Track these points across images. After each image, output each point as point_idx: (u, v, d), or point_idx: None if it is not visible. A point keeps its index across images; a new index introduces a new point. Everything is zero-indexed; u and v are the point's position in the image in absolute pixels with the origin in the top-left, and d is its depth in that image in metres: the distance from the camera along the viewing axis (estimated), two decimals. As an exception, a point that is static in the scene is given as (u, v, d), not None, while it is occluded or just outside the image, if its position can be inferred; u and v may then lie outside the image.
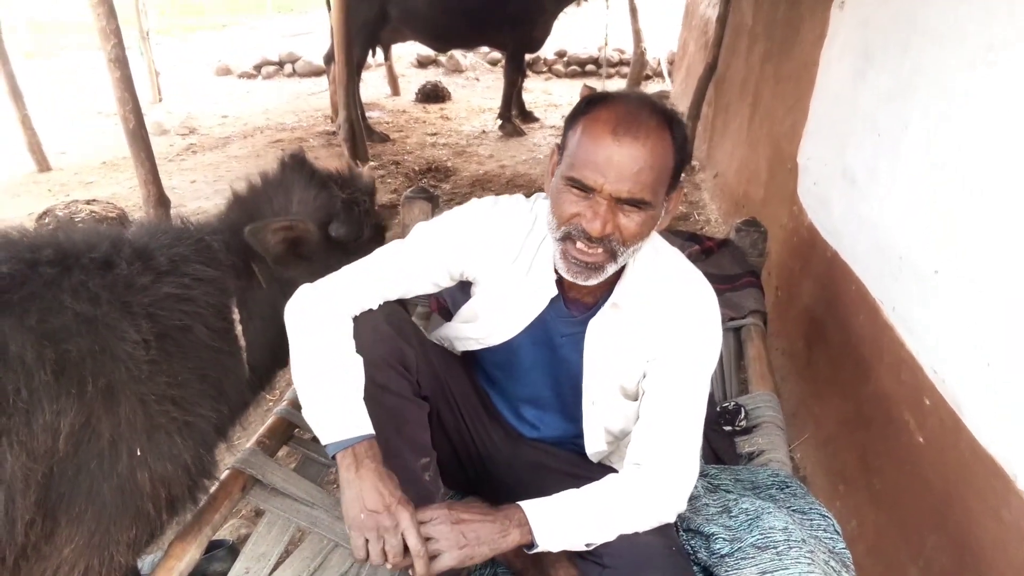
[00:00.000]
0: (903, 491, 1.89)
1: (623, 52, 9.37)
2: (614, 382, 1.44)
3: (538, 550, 1.24)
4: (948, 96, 1.80)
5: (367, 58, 6.45)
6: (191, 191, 5.23)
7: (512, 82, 6.66)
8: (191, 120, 6.94)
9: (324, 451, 1.30)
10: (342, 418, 1.26)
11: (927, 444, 1.77)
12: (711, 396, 1.95)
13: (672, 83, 7.97)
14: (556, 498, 1.28)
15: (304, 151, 1.80)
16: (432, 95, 7.88)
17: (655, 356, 1.38)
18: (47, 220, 3.85)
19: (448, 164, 5.86)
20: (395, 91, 8.16)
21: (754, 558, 1.38)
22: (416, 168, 5.73)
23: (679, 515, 1.42)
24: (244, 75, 9.14)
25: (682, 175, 1.31)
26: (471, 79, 9.17)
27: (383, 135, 6.47)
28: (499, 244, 1.44)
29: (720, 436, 1.91)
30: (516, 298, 1.45)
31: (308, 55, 9.16)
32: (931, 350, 1.78)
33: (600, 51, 8.50)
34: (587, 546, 1.28)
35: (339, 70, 5.39)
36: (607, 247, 1.25)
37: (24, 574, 1.28)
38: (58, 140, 6.18)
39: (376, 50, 6.60)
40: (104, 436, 1.27)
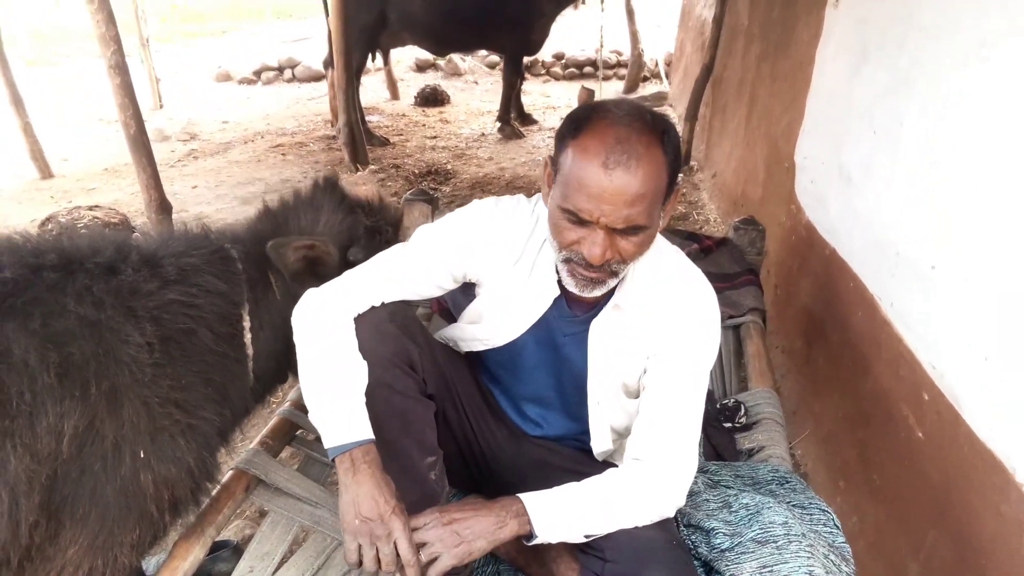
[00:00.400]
0: (903, 486, 1.89)
1: (621, 54, 9.38)
2: (617, 380, 1.45)
3: (537, 541, 1.25)
4: (944, 92, 1.80)
5: (366, 62, 6.48)
6: (193, 196, 5.25)
7: (511, 85, 6.67)
8: (192, 126, 6.96)
9: (326, 451, 1.31)
10: (341, 422, 1.27)
11: (926, 439, 1.78)
12: (711, 393, 1.96)
13: (669, 84, 7.99)
14: (555, 490, 1.29)
15: (338, 175, 1.84)
16: (431, 99, 7.89)
17: (656, 353, 1.39)
18: (50, 227, 3.87)
19: (448, 167, 5.87)
20: (394, 95, 8.17)
21: (754, 552, 1.39)
22: (416, 171, 5.74)
23: (680, 510, 1.43)
24: (244, 81, 9.15)
25: (679, 177, 1.31)
26: (470, 82, 9.18)
27: (383, 139, 6.49)
28: (501, 246, 1.44)
29: (720, 433, 1.91)
30: (519, 299, 1.45)
31: (308, 60, 9.16)
32: (929, 345, 1.79)
33: (597, 53, 8.51)
34: (586, 538, 1.28)
35: (338, 75, 5.42)
36: (607, 268, 1.26)
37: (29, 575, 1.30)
38: (60, 147, 6.20)
39: (375, 55, 6.63)
40: (108, 438, 1.28)
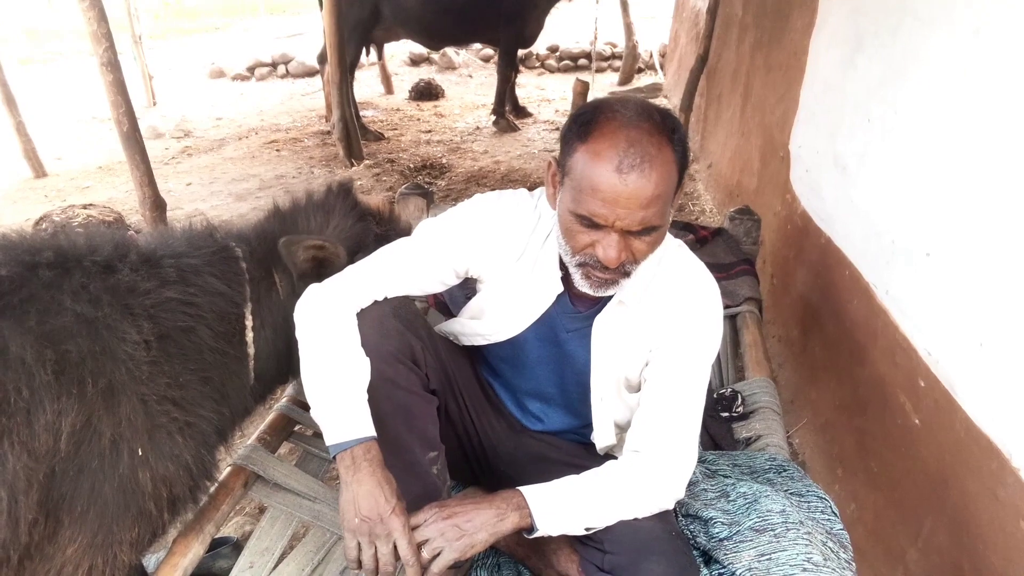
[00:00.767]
0: (900, 473, 1.90)
1: (615, 46, 9.37)
2: (619, 375, 1.45)
3: (538, 534, 1.26)
4: (938, 80, 1.80)
5: (360, 57, 6.45)
6: (187, 193, 5.24)
7: (505, 78, 6.66)
8: (185, 123, 6.94)
9: (325, 446, 1.31)
10: (343, 420, 1.27)
11: (923, 426, 1.78)
12: (708, 384, 1.96)
13: (664, 75, 7.97)
14: (555, 483, 1.29)
15: (352, 181, 1.84)
16: (426, 93, 7.87)
17: (658, 346, 1.39)
18: (44, 226, 3.85)
19: (443, 161, 5.86)
20: (388, 89, 8.15)
21: (752, 541, 1.40)
22: (411, 165, 5.73)
23: (678, 500, 1.44)
24: (238, 77, 9.11)
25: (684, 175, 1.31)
26: (464, 76, 9.15)
27: (377, 133, 6.47)
28: (503, 242, 1.43)
29: (717, 422, 1.92)
30: (522, 295, 1.45)
31: (301, 56, 9.14)
32: (925, 332, 1.79)
33: (591, 45, 8.50)
34: (586, 530, 1.29)
35: (332, 70, 5.41)
36: (621, 269, 1.26)
37: (28, 574, 1.29)
38: (54, 146, 6.18)
39: (369, 49, 6.61)
40: (105, 436, 1.28)
